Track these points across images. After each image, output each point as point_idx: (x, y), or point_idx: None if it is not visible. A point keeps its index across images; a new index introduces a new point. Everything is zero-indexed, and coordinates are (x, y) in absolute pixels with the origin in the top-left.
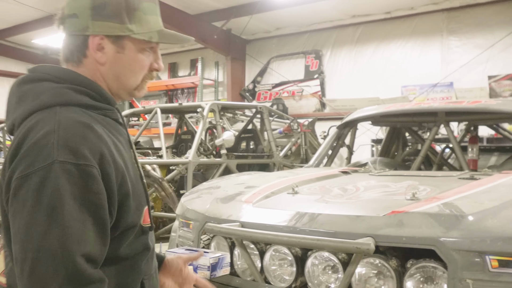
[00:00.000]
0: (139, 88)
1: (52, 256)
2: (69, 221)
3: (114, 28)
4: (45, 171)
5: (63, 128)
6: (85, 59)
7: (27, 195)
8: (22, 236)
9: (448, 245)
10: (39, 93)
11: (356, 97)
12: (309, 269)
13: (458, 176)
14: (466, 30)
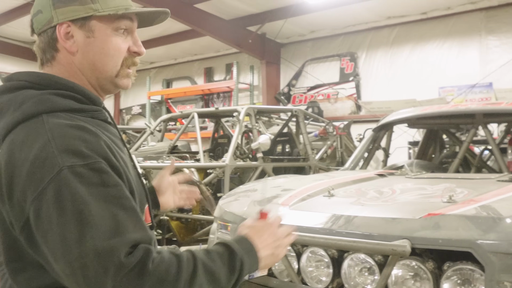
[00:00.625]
0: (121, 75)
1: (95, 257)
2: (98, 220)
3: (77, 10)
4: (56, 181)
5: (57, 136)
6: (57, 53)
7: (49, 211)
8: (61, 251)
9: (486, 248)
10: (20, 103)
11: (392, 99)
12: (345, 270)
13: (497, 179)
14: (505, 29)
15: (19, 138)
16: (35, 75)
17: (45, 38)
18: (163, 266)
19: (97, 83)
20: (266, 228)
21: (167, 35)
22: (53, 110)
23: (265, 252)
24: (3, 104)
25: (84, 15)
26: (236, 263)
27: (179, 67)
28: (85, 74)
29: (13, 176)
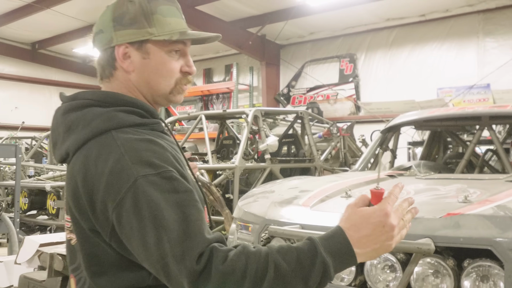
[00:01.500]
0: (174, 92)
1: (173, 258)
2: (172, 224)
3: (135, 34)
4: (133, 190)
5: (129, 149)
6: (115, 71)
7: (129, 218)
8: (144, 254)
9: (505, 245)
10: (89, 120)
11: (391, 100)
12: (368, 268)
13: (505, 179)
14: (502, 31)
15: (92, 153)
16: (99, 93)
17: (105, 56)
18: (229, 267)
19: (152, 99)
20: (372, 218)
21: None
22: (121, 126)
23: (365, 248)
24: (71, 121)
25: (141, 39)
26: (316, 265)
27: None
28: (141, 90)
29: (93, 189)
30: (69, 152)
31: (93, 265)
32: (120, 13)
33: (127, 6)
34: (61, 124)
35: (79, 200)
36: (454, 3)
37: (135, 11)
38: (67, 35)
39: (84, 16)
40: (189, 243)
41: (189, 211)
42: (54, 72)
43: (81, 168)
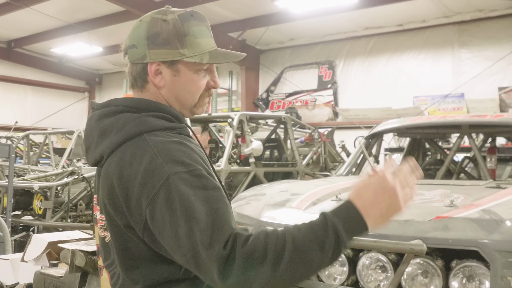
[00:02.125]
0: (198, 105)
1: (203, 247)
2: (201, 216)
3: (168, 54)
4: (165, 186)
5: (161, 150)
6: (147, 84)
7: (162, 211)
8: (175, 245)
9: (491, 246)
10: (122, 125)
11: (369, 107)
12: (360, 268)
13: (485, 185)
14: (477, 43)
15: (127, 155)
16: (130, 100)
17: (137, 69)
18: (251, 247)
19: (178, 110)
20: (372, 184)
21: None
22: (151, 130)
23: (372, 213)
24: (105, 127)
25: (173, 59)
26: (328, 232)
27: None
28: (169, 103)
29: (128, 187)
30: (103, 155)
31: (127, 260)
32: (155, 32)
33: (162, 25)
34: (95, 130)
35: (114, 198)
36: (431, 14)
37: (169, 31)
38: (45, 34)
39: (63, 16)
40: (217, 232)
41: (217, 205)
42: (29, 71)
43: (116, 168)
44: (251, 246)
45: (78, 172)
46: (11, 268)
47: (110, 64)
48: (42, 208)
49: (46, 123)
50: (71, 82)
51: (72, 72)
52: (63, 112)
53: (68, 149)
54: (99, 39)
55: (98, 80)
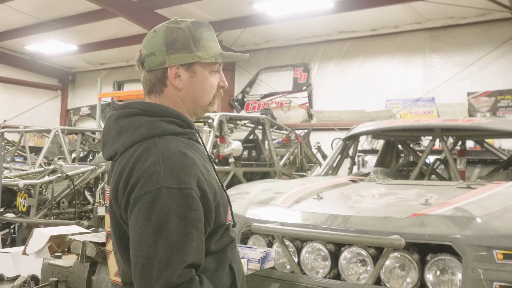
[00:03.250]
0: (211, 104)
1: (158, 263)
2: (173, 236)
3: (186, 57)
4: (154, 194)
5: (165, 158)
6: (165, 88)
7: (140, 212)
8: (135, 244)
9: (463, 241)
10: (137, 127)
11: (343, 109)
12: (341, 262)
13: (456, 186)
14: (447, 49)
15: (137, 153)
16: (146, 104)
17: (157, 75)
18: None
19: (193, 110)
20: None
21: (121, 38)
22: (163, 134)
23: None
24: (122, 126)
25: (191, 61)
26: None
27: (132, 70)
28: (185, 104)
29: (129, 180)
30: (117, 152)
31: (124, 248)
32: (172, 39)
33: (177, 32)
34: (113, 128)
35: (117, 190)
36: (403, 20)
37: (185, 37)
38: (18, 31)
39: (37, 13)
40: (179, 257)
41: (191, 230)
42: (1, 68)
43: (126, 164)
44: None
45: (62, 171)
46: (12, 261)
47: (84, 63)
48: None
49: (17, 121)
50: (44, 80)
51: (45, 70)
52: (36, 110)
53: (45, 148)
54: (74, 37)
55: (71, 78)
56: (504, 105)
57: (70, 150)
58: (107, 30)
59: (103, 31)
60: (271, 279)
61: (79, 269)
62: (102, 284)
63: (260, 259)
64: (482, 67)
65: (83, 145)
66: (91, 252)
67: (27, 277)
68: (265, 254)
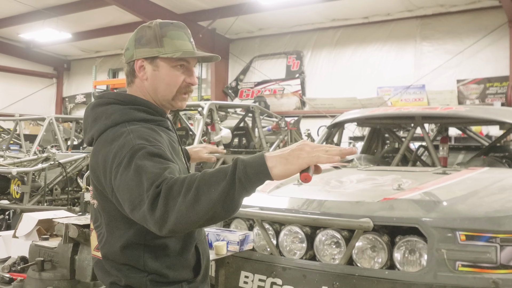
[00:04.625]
0: (176, 99)
1: (146, 193)
2: (148, 169)
3: (148, 52)
4: (130, 153)
5: (133, 131)
6: (135, 79)
7: (122, 171)
8: (128, 194)
9: (428, 224)
10: (110, 114)
11: (335, 96)
12: (317, 243)
13: (433, 172)
14: (438, 37)
15: (109, 137)
16: (119, 95)
17: (130, 67)
18: (172, 181)
19: (160, 102)
20: (291, 147)
21: (116, 25)
22: (132, 120)
23: (279, 162)
24: (97, 114)
25: (152, 56)
26: (232, 168)
27: None
28: (151, 95)
29: (106, 160)
30: (93, 137)
31: (109, 222)
32: (140, 36)
33: (146, 30)
34: (90, 116)
35: (96, 171)
36: (395, 8)
37: (150, 34)
38: (13, 19)
39: (31, 1)
40: (155, 177)
41: (166, 164)
42: None
43: (101, 148)
44: (172, 181)
45: (54, 158)
46: (3, 243)
47: (79, 50)
48: (19, 192)
49: (13, 109)
50: (39, 68)
51: (40, 58)
52: (31, 98)
53: (39, 136)
54: (69, 25)
55: (67, 66)
56: (492, 92)
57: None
58: (101, 18)
59: (98, 19)
60: (251, 260)
61: (63, 249)
62: (84, 262)
63: (239, 241)
64: (472, 54)
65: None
66: (73, 234)
67: (16, 258)
68: (244, 237)
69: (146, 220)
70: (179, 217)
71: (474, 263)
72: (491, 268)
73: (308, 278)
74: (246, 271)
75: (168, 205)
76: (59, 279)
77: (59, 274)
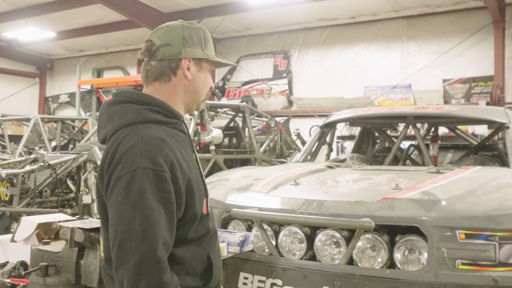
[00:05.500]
0: (203, 101)
1: (135, 237)
2: (148, 211)
3: (198, 53)
4: (131, 174)
5: (144, 141)
6: (174, 77)
7: (119, 192)
8: (114, 221)
9: (429, 223)
10: (125, 113)
11: (322, 96)
12: (317, 244)
13: (427, 171)
14: (424, 37)
15: (120, 137)
16: (136, 94)
17: (170, 64)
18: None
19: (189, 102)
20: None
21: (101, 24)
22: (146, 121)
23: None
24: (112, 112)
25: (202, 57)
26: None
27: (111, 57)
28: (185, 95)
29: (112, 161)
30: (107, 135)
31: (104, 226)
32: (189, 35)
33: (193, 30)
34: (105, 114)
35: (103, 171)
36: (382, 8)
37: (199, 35)
38: None
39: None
40: (154, 232)
41: (162, 209)
42: None
43: (111, 147)
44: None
45: (44, 160)
46: (1, 248)
47: (63, 49)
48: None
49: None
50: (21, 67)
51: (23, 57)
52: (13, 98)
53: (25, 136)
54: (52, 24)
55: (50, 65)
56: (477, 92)
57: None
58: (86, 16)
59: (82, 17)
60: (250, 261)
61: (68, 254)
62: (90, 267)
63: (239, 243)
64: (457, 54)
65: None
66: (79, 238)
67: (16, 263)
68: (244, 238)
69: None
70: None
71: (473, 261)
72: (491, 266)
73: (309, 279)
74: (245, 272)
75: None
76: (64, 284)
77: (64, 279)
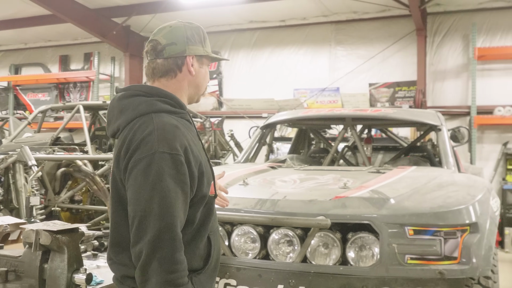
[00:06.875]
0: (203, 94)
1: (153, 215)
2: (166, 192)
3: (199, 50)
4: (150, 158)
5: (160, 128)
6: (180, 73)
7: (138, 173)
8: (134, 201)
9: (380, 220)
10: (137, 105)
11: (252, 97)
12: (270, 243)
13: (367, 171)
14: (351, 42)
15: (136, 126)
16: (145, 87)
17: (176, 61)
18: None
19: (192, 95)
20: None
21: (20, 18)
22: (158, 111)
23: None
24: (124, 105)
25: (203, 54)
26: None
27: (30, 53)
28: (189, 88)
29: (129, 147)
30: (120, 127)
31: (119, 210)
32: (191, 34)
33: (194, 30)
34: (116, 107)
35: (119, 158)
36: (311, 12)
37: (199, 34)
38: None
39: None
40: (170, 211)
41: (179, 189)
42: None
43: (127, 136)
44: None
45: None
46: None
47: None
48: None
49: None
50: None
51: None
52: None
53: None
54: None
55: None
56: (401, 96)
57: None
58: (3, 9)
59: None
60: None
61: (30, 258)
62: (56, 271)
63: None
64: (382, 60)
65: None
66: (46, 240)
67: None
68: None
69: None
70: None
71: (421, 255)
72: (437, 260)
73: (264, 278)
74: None
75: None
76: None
77: (26, 284)
